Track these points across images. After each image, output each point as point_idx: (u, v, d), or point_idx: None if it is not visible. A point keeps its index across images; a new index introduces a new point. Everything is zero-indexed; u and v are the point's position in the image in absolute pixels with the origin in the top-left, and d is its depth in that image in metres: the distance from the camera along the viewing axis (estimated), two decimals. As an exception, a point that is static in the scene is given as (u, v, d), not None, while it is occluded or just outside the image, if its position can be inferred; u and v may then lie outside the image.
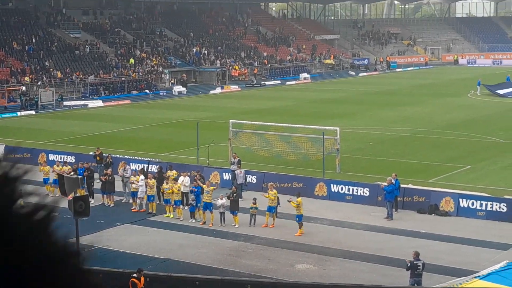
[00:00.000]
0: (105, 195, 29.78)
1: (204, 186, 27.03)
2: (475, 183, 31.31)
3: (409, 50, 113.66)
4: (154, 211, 27.98)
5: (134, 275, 17.81)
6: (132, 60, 78.37)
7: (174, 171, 29.92)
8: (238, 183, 29.91)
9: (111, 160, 32.94)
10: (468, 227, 25.81)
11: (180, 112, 56.64)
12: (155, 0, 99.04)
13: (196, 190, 27.20)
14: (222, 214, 26.38)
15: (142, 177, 28.82)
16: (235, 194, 26.48)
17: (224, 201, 26.37)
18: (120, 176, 30.12)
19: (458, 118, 51.08)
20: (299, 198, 25.50)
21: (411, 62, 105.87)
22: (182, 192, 27.88)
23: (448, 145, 40.83)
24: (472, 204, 27.13)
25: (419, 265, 19.10)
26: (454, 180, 32.04)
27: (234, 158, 31.40)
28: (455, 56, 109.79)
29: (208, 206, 26.61)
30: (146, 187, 28.29)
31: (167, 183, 27.92)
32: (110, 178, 29.63)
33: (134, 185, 28.76)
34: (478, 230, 25.39)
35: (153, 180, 28.53)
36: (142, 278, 17.81)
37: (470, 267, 21.27)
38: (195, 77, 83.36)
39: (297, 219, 25.19)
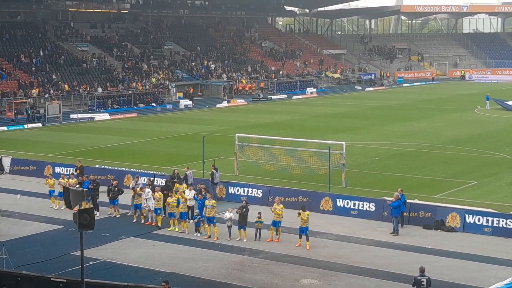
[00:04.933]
0: (111, 205, 29.80)
1: (205, 201, 26.97)
2: (482, 199, 31.20)
3: (416, 65, 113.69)
4: (159, 225, 27.94)
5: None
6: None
7: (184, 185, 29.89)
8: (188, 182, 30.81)
9: (178, 175, 31.87)
10: (474, 243, 25.68)
11: (187, 126, 56.74)
12: (163, 14, 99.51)
13: (200, 203, 27.15)
14: (229, 228, 26.32)
15: (148, 190, 28.80)
16: (244, 209, 26.37)
17: (231, 215, 26.30)
18: (132, 189, 30.03)
19: (465, 134, 51.00)
20: (307, 212, 25.50)
21: (418, 77, 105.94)
22: (187, 205, 27.84)
23: (455, 161, 40.74)
24: (478, 220, 27.01)
25: (423, 281, 18.98)
26: (460, 196, 31.96)
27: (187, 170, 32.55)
28: (462, 71, 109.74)
29: (211, 220, 26.55)
30: (153, 200, 28.27)
31: (171, 196, 27.89)
32: (116, 189, 29.67)
33: (143, 198, 28.70)
34: (484, 246, 25.27)
35: (159, 193, 28.50)
36: None
37: (476, 284, 21.17)
38: (201, 90, 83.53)
39: (305, 232, 25.16)
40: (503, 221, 26.55)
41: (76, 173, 32.96)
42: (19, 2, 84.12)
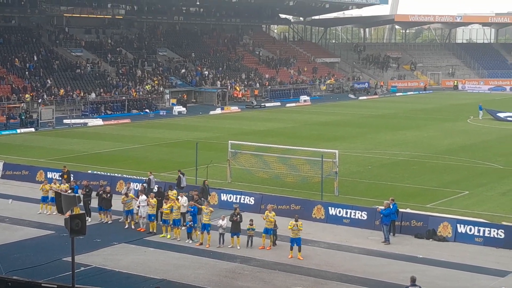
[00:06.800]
0: (101, 212, 29.74)
1: (202, 207, 26.96)
2: (473, 209, 31.30)
3: (409, 75, 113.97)
4: (154, 230, 27.92)
5: None
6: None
7: (174, 191, 29.86)
8: (151, 187, 31.33)
9: (208, 186, 31.95)
10: (465, 253, 25.74)
11: (180, 132, 56.72)
12: (158, 21, 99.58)
13: (192, 210, 27.13)
14: (221, 235, 26.29)
15: (143, 196, 28.81)
16: (238, 216, 26.33)
17: (225, 222, 26.26)
18: (124, 194, 29.95)
19: (457, 143, 51.15)
20: (300, 222, 25.40)
21: (411, 87, 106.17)
22: (180, 212, 27.79)
23: (447, 170, 40.84)
24: (470, 230, 27.07)
25: (415, 291, 19.03)
26: (452, 205, 32.02)
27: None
28: (455, 81, 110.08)
29: (206, 227, 26.52)
30: (147, 206, 28.25)
31: (166, 203, 27.86)
32: (108, 195, 29.63)
33: (137, 205, 28.70)
34: (475, 256, 25.33)
35: (154, 199, 28.48)
36: None
37: (467, 293, 21.21)
38: (195, 97, 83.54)
39: (297, 242, 25.03)
40: (494, 231, 26.64)
41: (64, 178, 32.87)
42: (14, 6, 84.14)
